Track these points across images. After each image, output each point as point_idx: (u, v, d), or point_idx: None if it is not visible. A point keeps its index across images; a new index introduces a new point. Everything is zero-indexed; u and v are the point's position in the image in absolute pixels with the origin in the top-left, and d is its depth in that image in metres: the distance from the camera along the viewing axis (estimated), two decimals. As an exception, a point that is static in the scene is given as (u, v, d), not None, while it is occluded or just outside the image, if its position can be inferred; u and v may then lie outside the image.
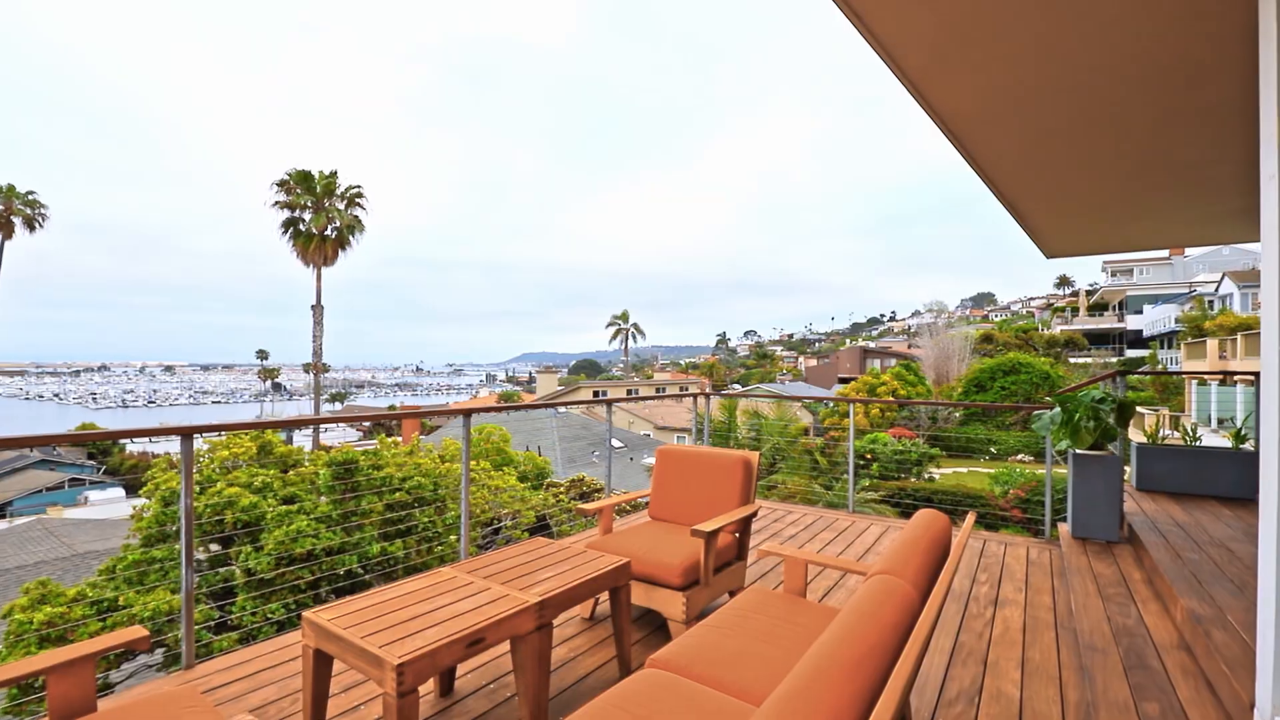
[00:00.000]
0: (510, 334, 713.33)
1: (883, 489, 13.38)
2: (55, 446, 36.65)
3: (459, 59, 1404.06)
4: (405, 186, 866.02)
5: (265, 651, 3.26)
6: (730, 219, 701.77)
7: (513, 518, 9.49)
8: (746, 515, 3.62)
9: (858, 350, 60.18)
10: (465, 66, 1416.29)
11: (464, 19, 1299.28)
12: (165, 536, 7.47)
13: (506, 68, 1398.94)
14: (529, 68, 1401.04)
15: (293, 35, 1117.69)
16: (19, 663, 1.90)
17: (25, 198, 29.11)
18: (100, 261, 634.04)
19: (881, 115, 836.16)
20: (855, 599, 1.58)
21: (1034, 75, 2.89)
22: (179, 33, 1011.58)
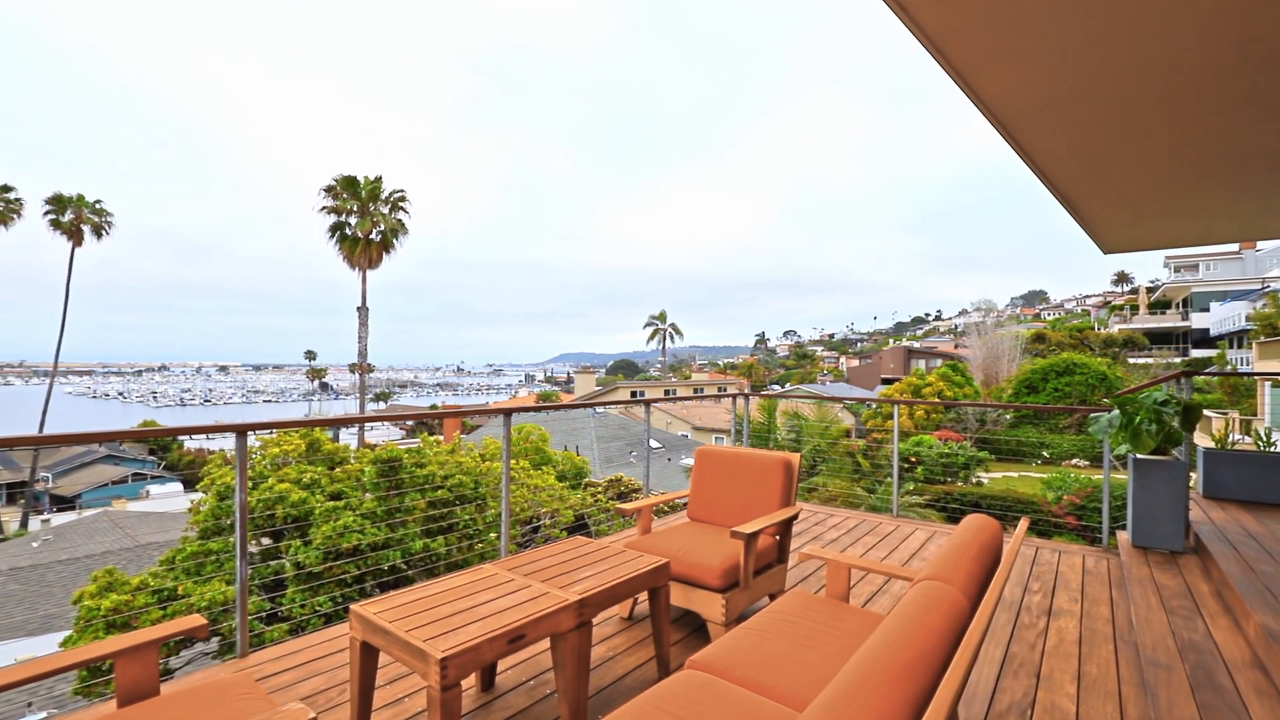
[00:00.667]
0: (549, 334, 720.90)
1: (928, 493, 13.03)
2: (120, 443, 38.61)
3: (497, 65, 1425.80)
4: (447, 190, 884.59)
5: (314, 642, 3.36)
6: (768, 217, 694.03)
7: (551, 516, 9.58)
8: (787, 518, 3.57)
9: (901, 350, 58.81)
10: (503, 72, 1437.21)
11: (502, 26, 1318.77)
12: (220, 530, 7.78)
13: (543, 72, 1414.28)
14: (565, 71, 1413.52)
15: (338, 46, 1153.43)
16: (91, 646, 2.00)
17: (93, 207, 30.73)
18: (161, 267, 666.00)
19: (925, 110, 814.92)
20: (902, 605, 1.53)
21: (1091, 63, 2.77)
22: (231, 49, 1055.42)
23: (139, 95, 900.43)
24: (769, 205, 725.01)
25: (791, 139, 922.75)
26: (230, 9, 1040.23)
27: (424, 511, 8.22)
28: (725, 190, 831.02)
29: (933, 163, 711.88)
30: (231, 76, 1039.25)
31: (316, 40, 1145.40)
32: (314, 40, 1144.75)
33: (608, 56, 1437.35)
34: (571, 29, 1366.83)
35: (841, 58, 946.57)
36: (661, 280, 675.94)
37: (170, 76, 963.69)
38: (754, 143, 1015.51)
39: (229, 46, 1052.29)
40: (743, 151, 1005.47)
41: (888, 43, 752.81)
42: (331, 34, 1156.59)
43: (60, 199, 30.08)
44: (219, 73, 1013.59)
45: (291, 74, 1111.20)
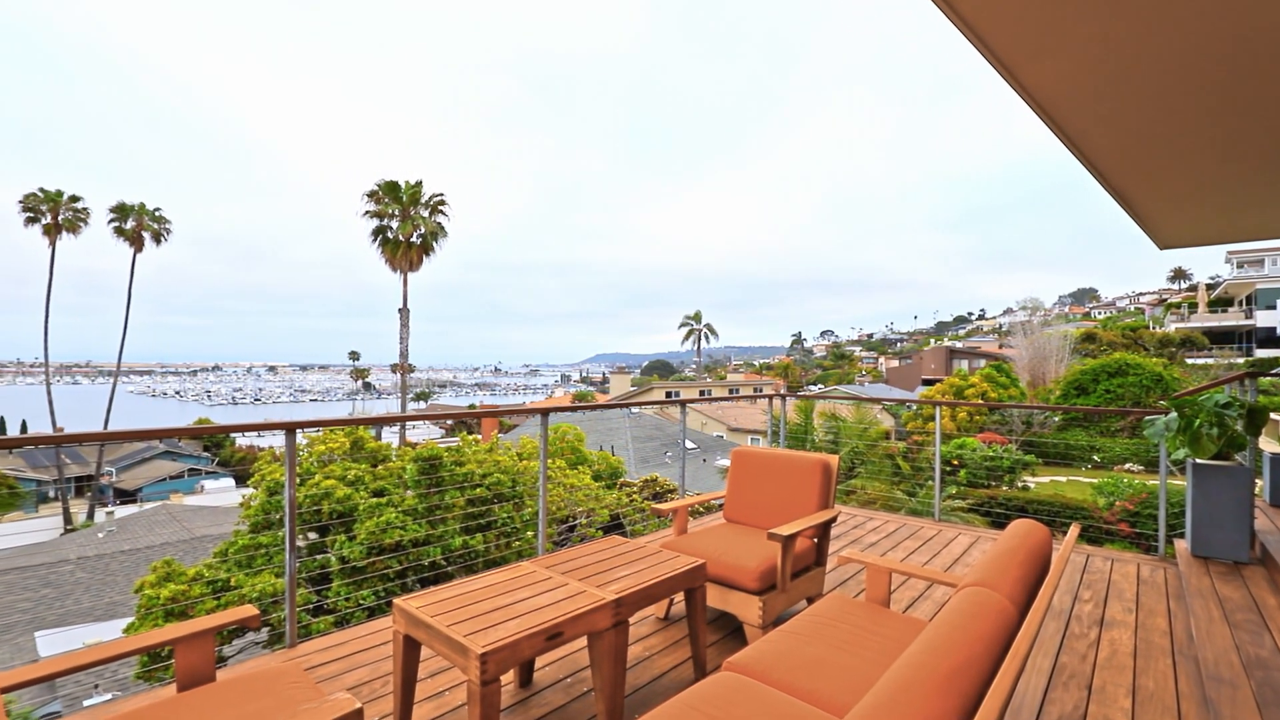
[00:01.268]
0: (584, 335, 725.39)
1: (971, 497, 12.68)
2: (178, 439, 40.32)
3: (532, 70, 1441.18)
4: (484, 193, 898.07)
5: (358, 635, 3.46)
6: (804, 215, 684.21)
7: (587, 516, 9.64)
8: (825, 520, 3.52)
9: (943, 350, 57.36)
10: (538, 76, 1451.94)
11: (536, 32, 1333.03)
12: (270, 524, 8.06)
13: (577, 75, 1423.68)
14: (599, 73, 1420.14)
15: (379, 58, 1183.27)
16: (153, 633, 2.10)
17: (153, 215, 32.22)
18: (215, 271, 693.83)
19: (964, 104, 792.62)
20: (946, 611, 1.50)
21: (1143, 49, 2.66)
22: (279, 61, 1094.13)
23: (195, 109, 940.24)
24: (805, 203, 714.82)
25: (827, 135, 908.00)
26: (278, 24, 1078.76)
27: (463, 509, 8.37)
28: (760, 188, 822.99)
29: (974, 158, 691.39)
30: (279, 89, 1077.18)
31: (359, 52, 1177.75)
32: (356, 52, 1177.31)
33: (641, 57, 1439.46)
34: (605, 32, 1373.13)
35: (878, 52, 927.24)
36: (696, 280, 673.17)
37: (223, 90, 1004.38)
38: (789, 140, 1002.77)
39: (277, 60, 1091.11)
40: (778, 149, 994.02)
41: (925, 36, 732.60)
42: (372, 46, 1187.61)
43: (123, 207, 31.62)
44: (268, 85, 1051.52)
45: (335, 85, 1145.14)
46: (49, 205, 30.28)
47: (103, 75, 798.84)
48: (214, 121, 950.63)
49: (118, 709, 2.60)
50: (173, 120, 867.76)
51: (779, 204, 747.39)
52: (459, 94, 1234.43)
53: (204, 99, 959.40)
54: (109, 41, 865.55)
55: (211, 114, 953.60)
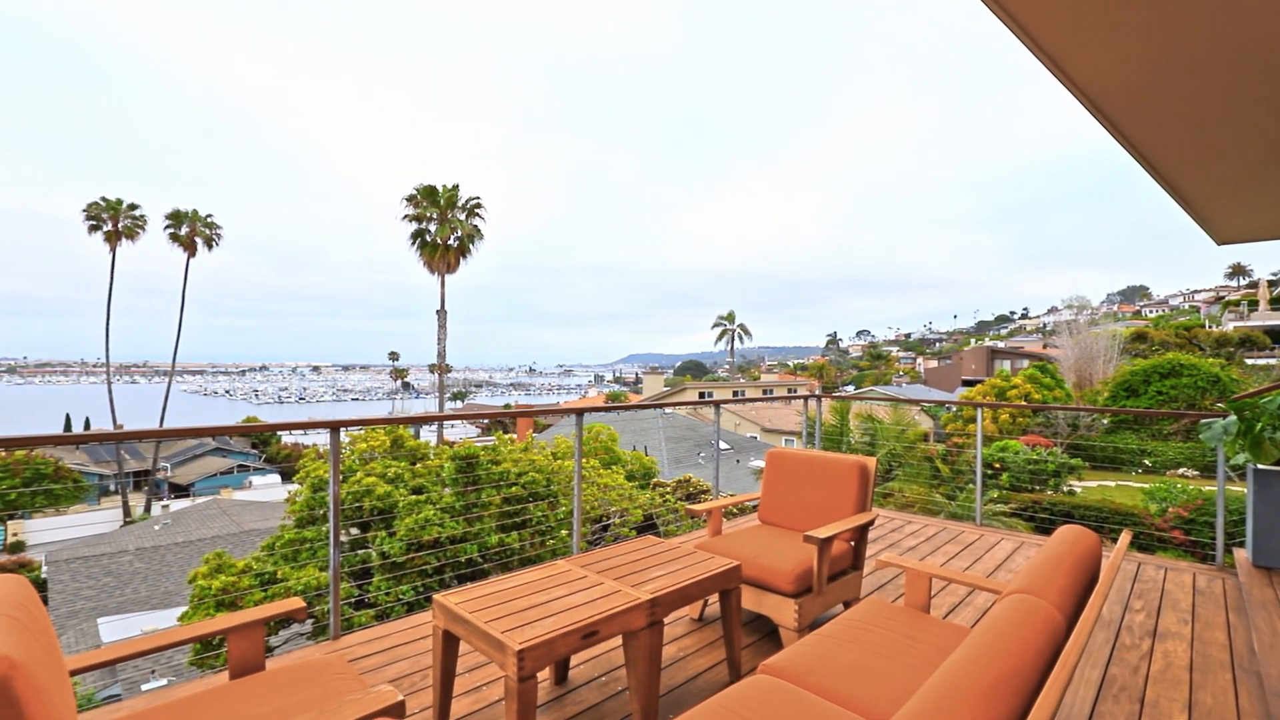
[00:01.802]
0: (617, 335, 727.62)
1: (1014, 501, 12.31)
2: (229, 437, 41.87)
3: (566, 73, 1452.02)
4: (521, 196, 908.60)
5: (399, 629, 3.54)
6: (839, 214, 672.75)
7: (621, 515, 9.68)
8: (863, 523, 3.47)
9: (984, 350, 55.80)
10: (572, 79, 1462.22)
11: (570, 36, 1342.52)
12: (314, 519, 8.31)
13: (612, 78, 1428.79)
14: (633, 76, 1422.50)
15: (416, 65, 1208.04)
16: (208, 621, 2.19)
17: (205, 221, 33.55)
18: (262, 275, 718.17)
19: (1005, 98, 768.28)
20: (990, 618, 1.46)
21: (1199, 33, 2.54)
22: (321, 72, 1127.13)
23: (244, 121, 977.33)
24: (840, 202, 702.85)
25: (863, 132, 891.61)
26: (321, 39, 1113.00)
27: (499, 507, 8.50)
28: (795, 187, 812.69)
29: (1016, 153, 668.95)
30: (323, 100, 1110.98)
31: (398, 62, 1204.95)
32: (396, 62, 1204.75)
33: (675, 57, 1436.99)
34: (638, 33, 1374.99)
35: (915, 46, 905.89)
36: (730, 280, 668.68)
37: (271, 103, 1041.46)
38: (824, 137, 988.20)
39: (321, 72, 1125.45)
40: (813, 146, 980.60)
41: (963, 29, 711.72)
42: (411, 55, 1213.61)
43: (178, 214, 32.98)
44: (312, 97, 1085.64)
45: (376, 94, 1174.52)
46: (110, 213, 31.77)
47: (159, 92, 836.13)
48: (262, 133, 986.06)
49: (174, 694, 2.72)
50: (224, 132, 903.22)
51: (814, 202, 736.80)
52: (495, 99, 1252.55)
53: (253, 112, 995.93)
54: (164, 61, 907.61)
55: (260, 126, 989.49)
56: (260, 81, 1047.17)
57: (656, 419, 28.69)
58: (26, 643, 1.39)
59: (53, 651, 1.62)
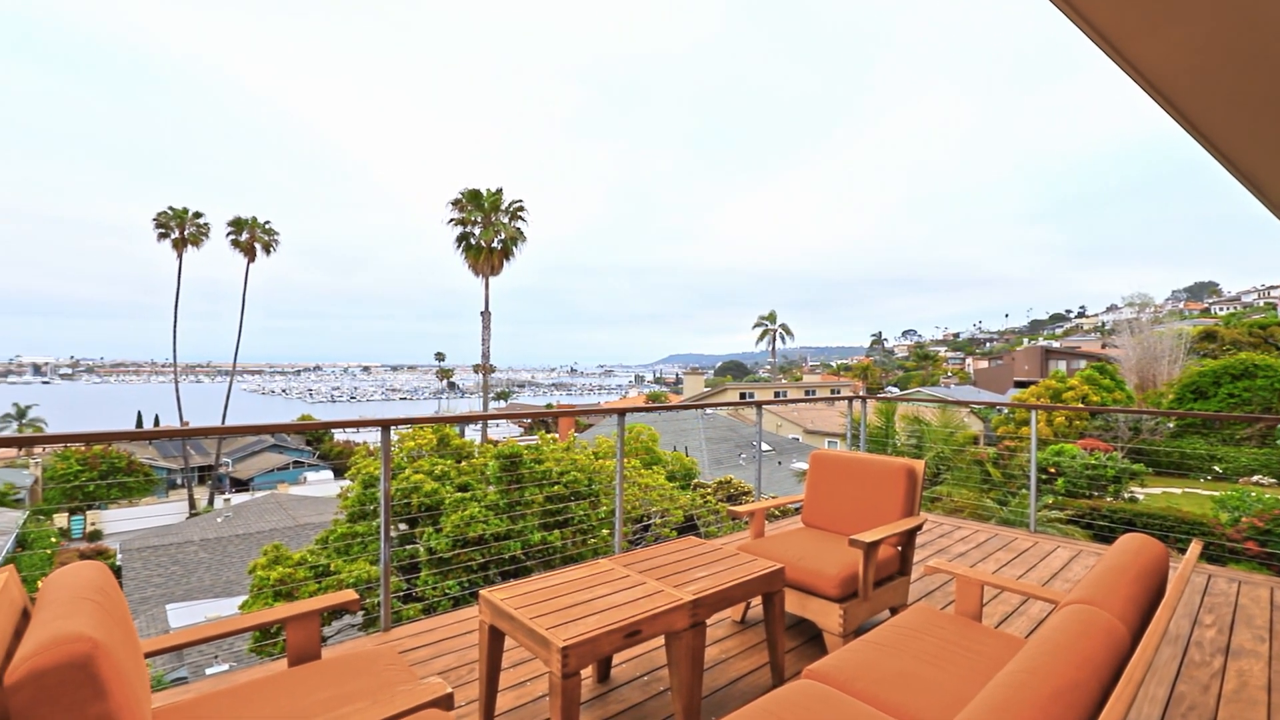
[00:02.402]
0: (658, 336, 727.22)
1: (1070, 508, 11.81)
2: (288, 434, 43.53)
3: (607, 73, 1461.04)
4: (562, 198, 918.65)
5: (445, 623, 3.63)
6: (884, 211, 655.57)
7: (662, 516, 9.68)
8: (910, 528, 3.39)
9: (1038, 350, 53.71)
10: (613, 80, 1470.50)
11: (610, 40, 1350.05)
12: (365, 515, 8.58)
13: (652, 78, 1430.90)
14: (673, 76, 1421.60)
15: (462, 73, 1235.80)
16: (269, 610, 2.29)
17: (264, 227, 35.03)
18: (316, 278, 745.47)
19: (1057, 87, 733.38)
20: (1048, 628, 1.41)
21: (1270, 14, 2.39)
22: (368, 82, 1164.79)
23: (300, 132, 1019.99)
24: (885, 198, 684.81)
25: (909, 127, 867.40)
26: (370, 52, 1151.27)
27: (541, 505, 8.61)
28: (837, 184, 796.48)
29: (1069, 144, 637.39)
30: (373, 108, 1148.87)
31: (443, 70, 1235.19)
32: (441, 70, 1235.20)
33: (714, 55, 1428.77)
34: (676, 32, 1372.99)
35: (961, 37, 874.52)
36: (771, 280, 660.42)
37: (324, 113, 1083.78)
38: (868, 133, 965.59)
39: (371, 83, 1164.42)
40: (857, 142, 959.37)
41: (1012, 17, 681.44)
42: (454, 64, 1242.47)
43: (239, 221, 34.53)
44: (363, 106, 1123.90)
45: (423, 101, 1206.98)
46: (177, 222, 33.49)
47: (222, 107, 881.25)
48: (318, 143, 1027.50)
49: (237, 679, 2.85)
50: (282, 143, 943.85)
51: (858, 199, 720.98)
52: (538, 103, 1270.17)
53: (310, 123, 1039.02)
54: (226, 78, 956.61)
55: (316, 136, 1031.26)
56: (316, 94, 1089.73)
57: (697, 419, 28.59)
58: (107, 625, 1.48)
59: (129, 634, 1.72)
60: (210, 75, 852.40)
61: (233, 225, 34.47)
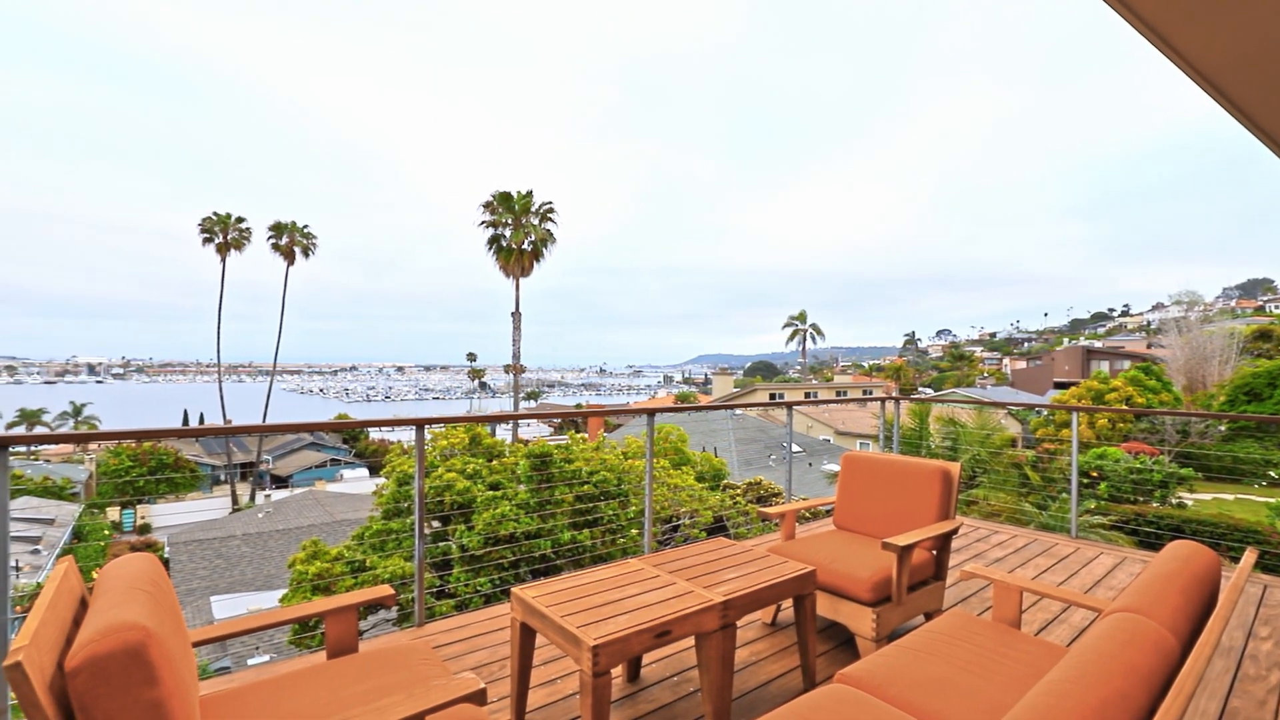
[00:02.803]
0: (686, 336, 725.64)
1: (1114, 513, 11.43)
2: (324, 432, 44.59)
3: (635, 74, 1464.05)
4: (591, 200, 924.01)
5: (478, 619, 3.68)
6: (918, 208, 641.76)
7: (691, 516, 9.66)
8: (946, 532, 3.32)
9: (1078, 350, 52.08)
10: (641, 81, 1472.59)
11: (638, 40, 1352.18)
12: (399, 512, 8.75)
13: (680, 78, 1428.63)
14: (702, 75, 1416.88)
15: (491, 77, 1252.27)
16: (309, 604, 2.35)
17: (303, 231, 35.99)
18: (352, 280, 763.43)
19: (1096, 78, 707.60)
20: (1092, 637, 1.37)
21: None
22: (403, 87, 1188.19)
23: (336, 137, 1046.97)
24: (918, 195, 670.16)
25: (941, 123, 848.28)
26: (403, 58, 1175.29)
27: (571, 505, 8.66)
28: (869, 182, 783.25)
29: (1111, 137, 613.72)
30: (405, 113, 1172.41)
31: (473, 74, 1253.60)
32: (471, 75, 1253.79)
33: (741, 53, 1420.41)
34: (703, 30, 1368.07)
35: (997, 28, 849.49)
36: (801, 279, 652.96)
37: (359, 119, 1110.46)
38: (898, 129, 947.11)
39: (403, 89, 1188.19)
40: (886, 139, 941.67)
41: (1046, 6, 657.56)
42: (484, 68, 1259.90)
43: (279, 225, 35.55)
44: (395, 112, 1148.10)
45: (454, 105, 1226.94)
46: (220, 226, 34.63)
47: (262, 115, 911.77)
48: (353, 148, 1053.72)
49: (279, 669, 2.93)
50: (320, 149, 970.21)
51: (889, 197, 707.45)
52: (568, 105, 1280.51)
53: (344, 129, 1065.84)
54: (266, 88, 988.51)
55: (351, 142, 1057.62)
56: (351, 101, 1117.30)
57: (727, 420, 28.45)
58: (159, 615, 1.54)
59: (179, 624, 1.79)
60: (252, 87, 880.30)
61: (273, 229, 35.49)
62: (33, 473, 28.32)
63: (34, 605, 1.51)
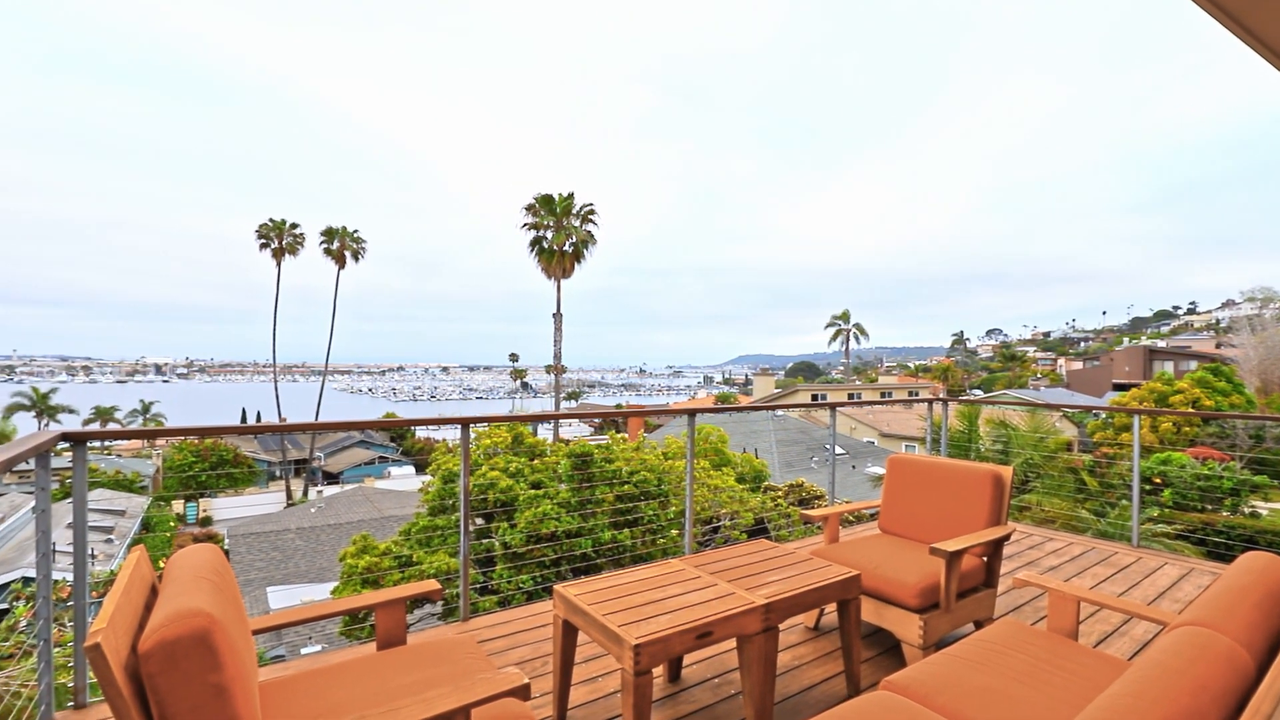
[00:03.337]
0: (727, 336, 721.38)
1: (1180, 521, 10.84)
2: (373, 431, 45.93)
3: (674, 74, 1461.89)
4: (631, 200, 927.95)
5: (520, 616, 3.74)
6: (966, 203, 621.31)
7: (731, 518, 9.60)
8: (997, 538, 3.22)
9: (1140, 350, 49.63)
10: (680, 80, 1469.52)
11: (677, 40, 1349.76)
12: (444, 509, 8.94)
13: (720, 77, 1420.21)
14: (741, 74, 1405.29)
15: (531, 80, 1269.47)
16: (362, 596, 2.43)
17: (353, 236, 37.19)
18: (399, 283, 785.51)
19: (1155, 65, 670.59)
20: (1158, 651, 1.31)
21: None
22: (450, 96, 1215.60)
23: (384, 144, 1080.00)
24: (966, 189, 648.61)
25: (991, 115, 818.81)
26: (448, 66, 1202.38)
27: (611, 504, 8.71)
28: (915, 177, 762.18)
29: (1174, 126, 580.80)
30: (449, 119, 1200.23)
31: (513, 79, 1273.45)
32: (511, 80, 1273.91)
33: (783, 50, 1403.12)
34: (743, 28, 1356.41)
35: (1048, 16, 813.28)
36: (844, 278, 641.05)
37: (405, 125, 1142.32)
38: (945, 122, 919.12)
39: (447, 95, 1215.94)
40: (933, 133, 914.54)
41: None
42: (524, 73, 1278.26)
43: (330, 231, 36.81)
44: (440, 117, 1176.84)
45: (493, 109, 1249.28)
46: (276, 232, 36.05)
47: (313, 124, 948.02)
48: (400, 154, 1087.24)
49: (331, 659, 3.04)
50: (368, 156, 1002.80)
51: (937, 192, 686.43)
52: (608, 107, 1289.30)
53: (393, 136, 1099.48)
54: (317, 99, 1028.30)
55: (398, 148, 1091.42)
56: (395, 107, 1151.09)
57: (767, 421, 28.15)
58: (222, 604, 1.61)
59: (240, 613, 1.88)
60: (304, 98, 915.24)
61: (325, 234, 36.75)
62: (105, 466, 30.05)
63: (110, 591, 1.60)
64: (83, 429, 2.75)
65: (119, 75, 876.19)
